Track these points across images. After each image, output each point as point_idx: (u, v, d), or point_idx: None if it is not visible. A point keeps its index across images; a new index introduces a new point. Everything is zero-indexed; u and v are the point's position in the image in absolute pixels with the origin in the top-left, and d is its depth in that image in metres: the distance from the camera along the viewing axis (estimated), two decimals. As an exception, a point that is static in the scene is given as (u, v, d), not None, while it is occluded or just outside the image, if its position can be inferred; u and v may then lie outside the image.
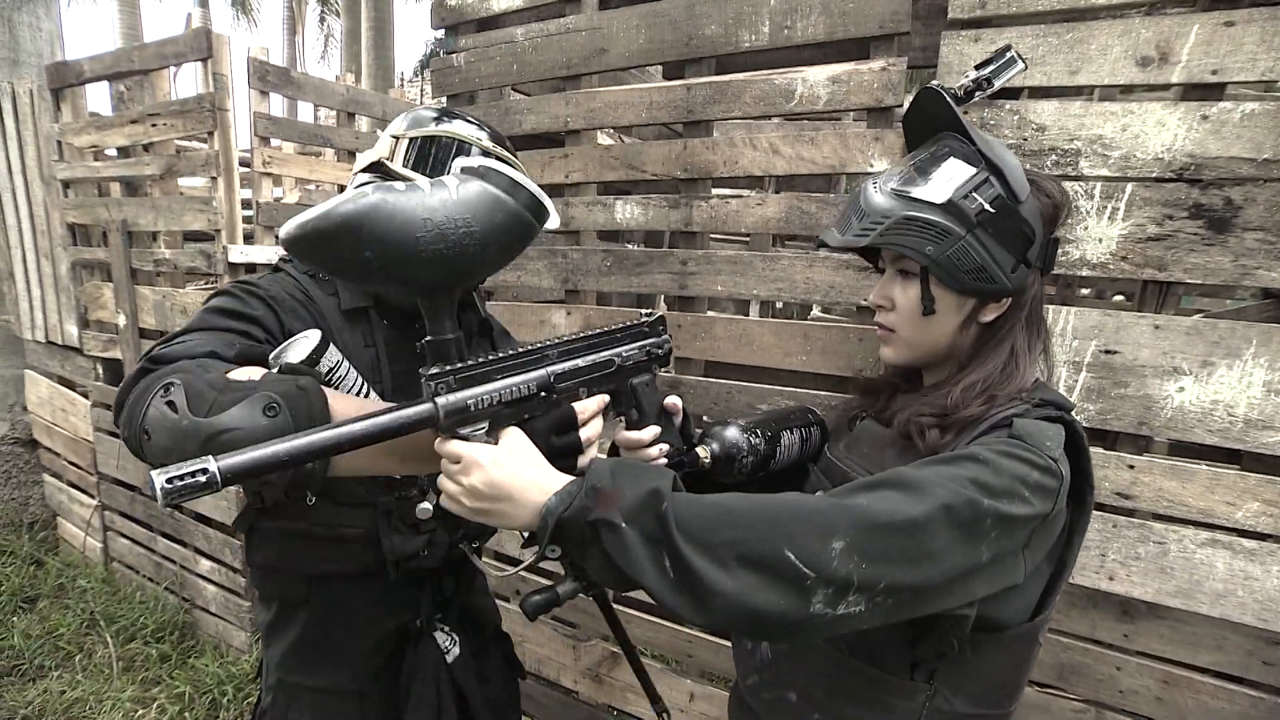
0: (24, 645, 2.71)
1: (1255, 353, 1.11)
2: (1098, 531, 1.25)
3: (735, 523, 0.64)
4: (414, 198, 0.67)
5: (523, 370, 0.77)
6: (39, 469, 3.63)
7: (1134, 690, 1.29)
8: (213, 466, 0.56)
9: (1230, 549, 1.17)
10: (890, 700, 0.83)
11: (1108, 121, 1.17)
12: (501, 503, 0.68)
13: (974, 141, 0.84)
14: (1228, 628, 1.21)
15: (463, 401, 0.70)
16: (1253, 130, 1.08)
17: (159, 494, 0.54)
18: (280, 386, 0.69)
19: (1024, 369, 0.85)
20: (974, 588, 0.70)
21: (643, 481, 0.66)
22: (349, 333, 1.01)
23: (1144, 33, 1.13)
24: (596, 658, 1.94)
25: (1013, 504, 0.69)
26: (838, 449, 1.00)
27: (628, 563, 0.63)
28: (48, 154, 3.01)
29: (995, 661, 0.83)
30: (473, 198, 0.70)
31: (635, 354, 0.91)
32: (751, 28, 1.45)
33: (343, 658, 1.07)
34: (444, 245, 0.68)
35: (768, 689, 0.95)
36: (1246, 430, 1.13)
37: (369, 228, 0.64)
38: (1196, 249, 1.14)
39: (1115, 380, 1.21)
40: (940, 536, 0.65)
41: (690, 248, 1.62)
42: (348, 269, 0.69)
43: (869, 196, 0.87)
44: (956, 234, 0.81)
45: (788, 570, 0.62)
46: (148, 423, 0.68)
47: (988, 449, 0.73)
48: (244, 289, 0.96)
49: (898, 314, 0.90)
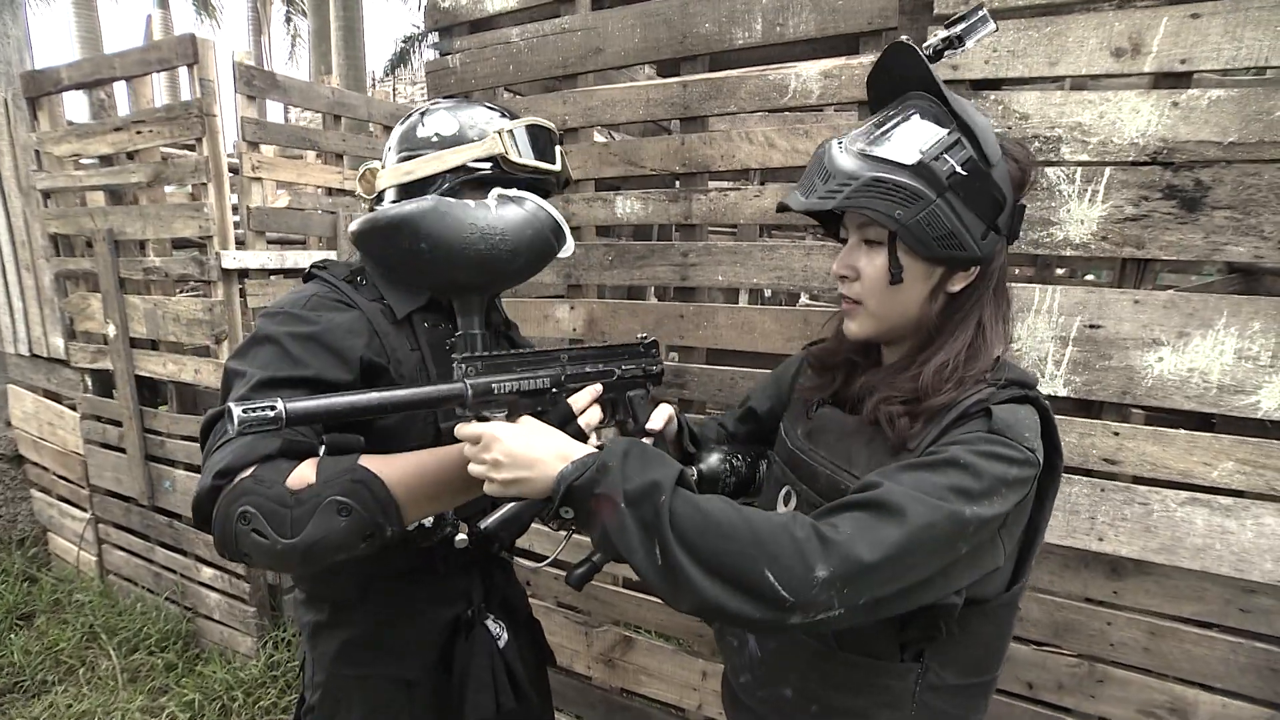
0: (24, 662, 2.68)
1: (1226, 323, 1.20)
2: (1087, 496, 1.33)
3: (724, 534, 0.67)
4: (464, 209, 0.82)
5: (540, 367, 0.86)
6: (26, 484, 3.57)
7: (1124, 643, 1.38)
8: (281, 407, 0.65)
9: (1208, 506, 1.25)
10: (884, 683, 0.84)
11: (1086, 109, 1.24)
12: (522, 470, 0.74)
13: (946, 101, 0.79)
14: (1207, 579, 1.30)
15: (488, 384, 0.79)
16: (1219, 115, 1.16)
17: (235, 422, 0.63)
18: (339, 486, 0.78)
19: (991, 344, 0.83)
20: (955, 579, 0.73)
21: (649, 470, 0.70)
22: (395, 338, 1.01)
23: (1117, 25, 1.20)
24: (609, 643, 1.99)
25: (993, 504, 0.70)
26: (797, 437, 0.97)
27: (621, 540, 0.68)
28: (25, 164, 2.96)
29: (980, 632, 0.85)
30: (509, 215, 0.86)
31: (632, 369, 1.02)
32: (745, 25, 1.50)
33: (400, 650, 1.10)
34: (485, 247, 0.82)
35: (761, 687, 0.96)
36: (1220, 395, 1.21)
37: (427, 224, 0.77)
38: (1171, 227, 1.22)
39: (1099, 353, 1.28)
40: (922, 553, 0.68)
41: (690, 239, 1.67)
42: (405, 259, 0.79)
43: (834, 157, 0.82)
44: (927, 197, 0.76)
45: (767, 591, 0.65)
46: (245, 549, 0.77)
47: (969, 451, 0.72)
48: (292, 333, 0.92)
49: (863, 284, 0.85)
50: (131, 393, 2.76)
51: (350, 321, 0.97)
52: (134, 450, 2.80)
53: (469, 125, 1.01)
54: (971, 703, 0.89)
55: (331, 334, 0.93)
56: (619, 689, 2.03)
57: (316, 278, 1.04)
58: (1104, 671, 1.40)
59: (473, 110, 1.04)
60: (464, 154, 0.98)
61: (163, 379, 2.72)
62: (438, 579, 1.11)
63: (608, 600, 1.98)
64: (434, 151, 0.99)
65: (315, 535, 0.75)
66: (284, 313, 0.94)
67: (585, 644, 2.04)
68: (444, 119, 1.03)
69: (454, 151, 0.98)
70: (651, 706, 1.99)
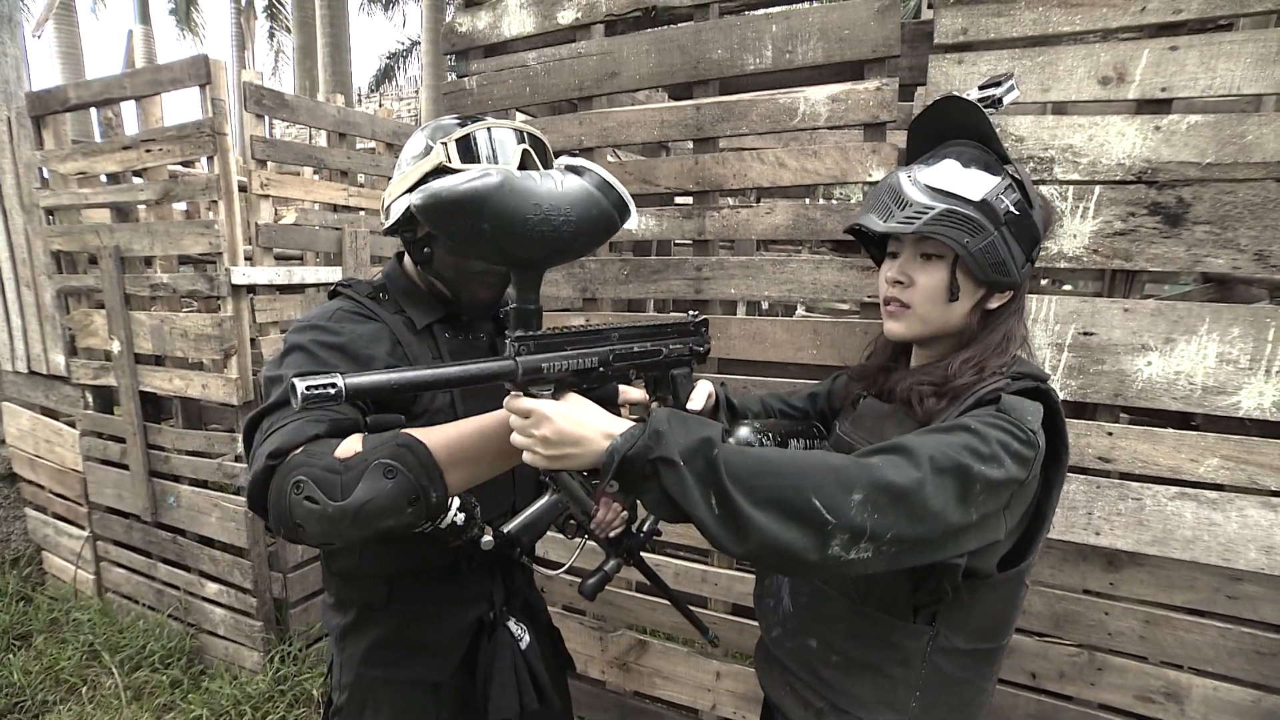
0: (24, 682, 2.64)
1: (1208, 329, 1.29)
2: (1084, 493, 1.42)
3: (774, 471, 0.75)
4: (530, 183, 0.79)
5: (589, 345, 0.89)
6: (20, 503, 3.53)
7: (1120, 632, 1.46)
8: (340, 383, 0.68)
9: (1196, 500, 1.34)
10: (898, 640, 0.95)
11: (1076, 133, 1.34)
12: (569, 447, 0.79)
13: (999, 151, 0.94)
14: (1197, 569, 1.39)
15: (537, 363, 0.81)
16: (1197, 139, 1.26)
17: (299, 396, 0.65)
18: (385, 450, 0.81)
19: (1012, 350, 0.96)
20: (964, 542, 0.82)
21: (697, 430, 0.77)
22: (417, 347, 1.08)
23: (1103, 56, 1.30)
24: (624, 647, 2.04)
25: (998, 469, 0.80)
26: (845, 426, 1.12)
27: (683, 496, 0.74)
28: (28, 182, 2.96)
29: (988, 602, 0.95)
30: (574, 191, 0.83)
31: (679, 349, 1.04)
32: (755, 52, 1.59)
33: (425, 651, 1.14)
34: (547, 228, 0.80)
35: (790, 638, 1.06)
36: (1204, 396, 1.31)
37: (492, 203, 0.75)
38: (1156, 241, 1.32)
39: (1093, 359, 1.38)
40: (938, 496, 0.76)
41: (703, 255, 1.75)
42: (464, 235, 0.79)
43: (906, 189, 0.94)
44: (988, 230, 0.89)
45: (814, 515, 0.73)
46: (299, 518, 0.79)
47: (977, 420, 0.83)
48: (317, 340, 0.99)
49: (917, 291, 0.96)
50: (136, 408, 2.76)
51: (373, 332, 1.04)
52: (137, 466, 2.80)
53: (431, 139, 1.04)
54: (977, 668, 0.97)
55: (355, 344, 1.00)
56: (633, 692, 2.07)
57: (341, 294, 1.11)
58: (1103, 660, 1.48)
59: (440, 123, 1.07)
60: (420, 169, 1.02)
61: (168, 394, 2.73)
62: (460, 580, 1.15)
63: (622, 605, 2.03)
64: (405, 169, 1.05)
65: (364, 496, 0.78)
66: (311, 325, 1.02)
67: (600, 649, 2.08)
68: (416, 138, 1.07)
69: (415, 168, 1.03)
70: (666, 709, 2.03)
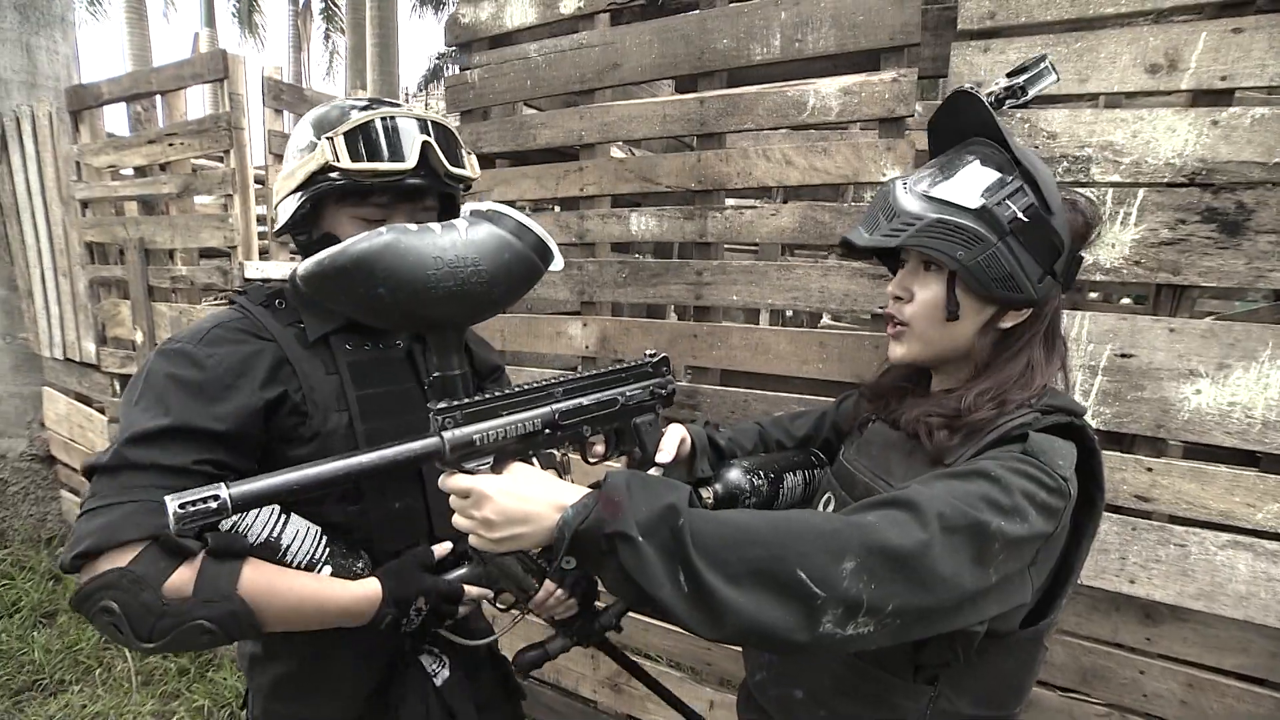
0: (44, 660, 2.72)
1: (1272, 354, 1.12)
2: (1117, 535, 1.26)
3: (750, 540, 0.64)
4: (426, 238, 0.71)
5: (529, 407, 0.78)
6: (57, 485, 3.66)
7: (1158, 694, 1.29)
8: (224, 494, 0.59)
9: (1252, 550, 1.17)
10: (895, 700, 0.83)
11: (1118, 128, 1.18)
12: (517, 526, 0.69)
13: (1009, 148, 0.82)
14: (1252, 630, 1.21)
15: (469, 436, 0.71)
16: (1263, 134, 1.09)
17: (171, 520, 0.58)
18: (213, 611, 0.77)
19: (1039, 381, 0.84)
20: (983, 608, 0.70)
21: (659, 496, 0.65)
22: (309, 363, 0.95)
23: (1152, 40, 1.15)
24: (615, 667, 1.94)
25: (1020, 524, 0.68)
26: (849, 452, 1.00)
27: (643, 577, 0.62)
28: (66, 175, 3.06)
29: (1000, 665, 0.83)
30: (481, 239, 0.74)
31: (639, 394, 0.94)
32: (763, 41, 1.48)
33: (333, 687, 1.03)
34: (453, 283, 0.71)
35: (775, 685, 0.96)
36: (1265, 431, 1.13)
37: (383, 265, 0.67)
38: (1210, 252, 1.15)
39: (1131, 383, 1.22)
40: (947, 559, 0.65)
41: (705, 258, 1.64)
42: (362, 304, 0.71)
43: (898, 197, 0.85)
44: (988, 240, 0.79)
45: (799, 589, 0.61)
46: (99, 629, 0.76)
47: (1000, 465, 0.72)
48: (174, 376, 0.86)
49: (915, 306, 0.87)
50: (156, 398, 2.81)
51: (246, 357, 0.91)
52: (157, 455, 2.85)
53: (316, 133, 0.91)
54: None
55: (214, 383, 0.87)
56: (624, 715, 1.98)
57: (235, 304, 0.98)
58: (1136, 723, 1.32)
59: (324, 113, 0.92)
60: (305, 169, 0.90)
61: (186, 385, 2.77)
62: None
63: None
64: (291, 165, 0.92)
65: (174, 646, 0.76)
66: (177, 351, 0.89)
67: (592, 667, 1.99)
68: (302, 129, 0.93)
69: (300, 164, 0.90)
70: (657, 735, 1.93)
